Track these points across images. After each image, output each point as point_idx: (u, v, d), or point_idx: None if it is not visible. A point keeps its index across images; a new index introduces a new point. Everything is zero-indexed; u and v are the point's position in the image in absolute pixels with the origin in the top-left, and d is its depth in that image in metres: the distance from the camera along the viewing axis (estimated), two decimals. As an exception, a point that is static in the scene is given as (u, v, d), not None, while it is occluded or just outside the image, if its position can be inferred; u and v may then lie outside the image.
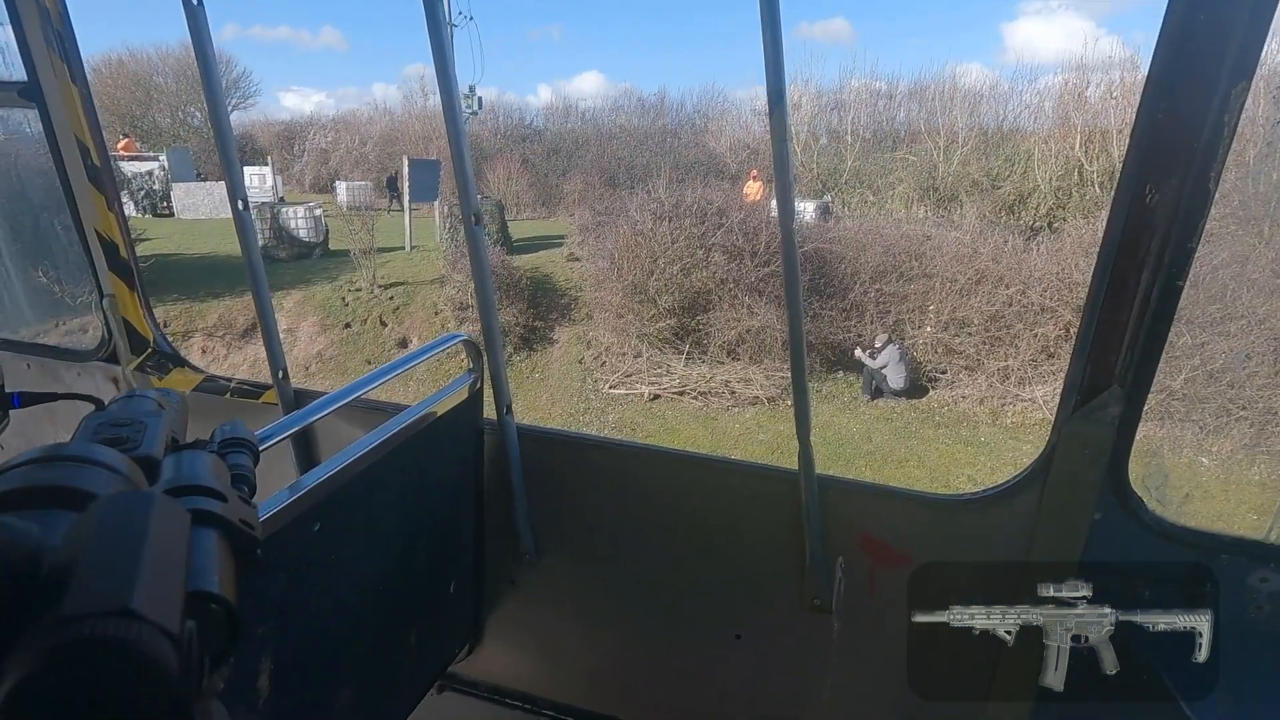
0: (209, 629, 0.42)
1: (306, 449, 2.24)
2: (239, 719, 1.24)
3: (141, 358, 2.45)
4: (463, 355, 2.03)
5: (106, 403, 0.70)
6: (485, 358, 1.98)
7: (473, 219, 1.77)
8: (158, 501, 0.43)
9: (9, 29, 2.17)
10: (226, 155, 1.78)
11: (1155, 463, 8.04)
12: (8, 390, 0.89)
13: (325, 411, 1.46)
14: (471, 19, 24.33)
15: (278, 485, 1.39)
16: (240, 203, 1.80)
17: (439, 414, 1.86)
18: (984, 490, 1.75)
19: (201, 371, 2.49)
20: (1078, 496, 1.58)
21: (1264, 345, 9.00)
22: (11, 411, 1.27)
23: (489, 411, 2.07)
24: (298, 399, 2.16)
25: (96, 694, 0.30)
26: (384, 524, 1.74)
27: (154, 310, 2.53)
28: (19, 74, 2.17)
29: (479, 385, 2.01)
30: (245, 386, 2.41)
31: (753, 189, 17.15)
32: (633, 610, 2.19)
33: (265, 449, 1.25)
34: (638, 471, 2.06)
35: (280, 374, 2.12)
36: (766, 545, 1.95)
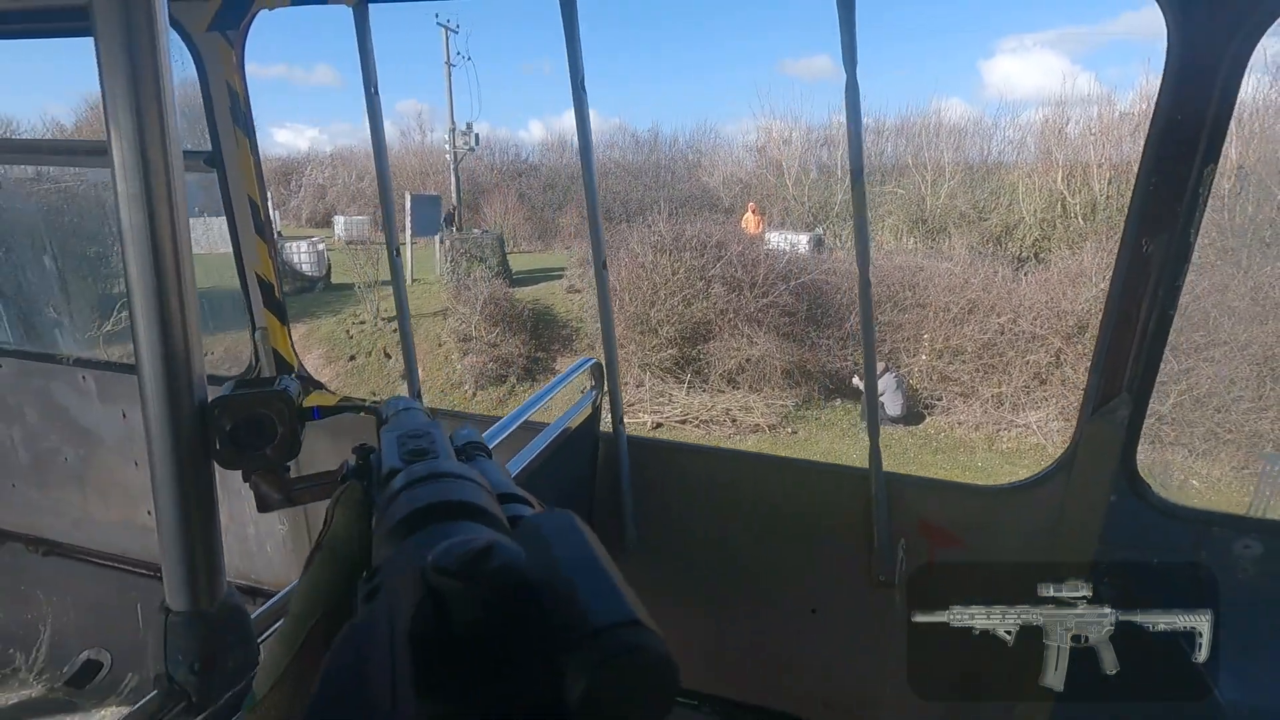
0: None
1: None
2: None
3: None
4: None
5: (384, 414, 0.80)
6: (606, 379, 2.30)
7: (601, 264, 2.09)
8: (575, 518, 0.45)
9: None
10: (388, 211, 2.10)
11: (1158, 455, 8.53)
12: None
13: (491, 444, 1.68)
14: (469, 59, 24.89)
15: None
16: (395, 250, 2.13)
17: (569, 429, 2.15)
18: (1021, 481, 2.08)
19: (335, 394, 2.75)
20: (1097, 482, 1.89)
21: (1247, 370, 9.33)
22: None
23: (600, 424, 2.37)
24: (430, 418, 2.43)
25: (638, 691, 0.35)
26: None
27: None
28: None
29: (599, 401, 2.33)
30: (378, 407, 2.65)
31: (750, 221, 17.55)
32: (722, 592, 2.47)
33: None
34: (727, 473, 2.38)
35: (414, 394, 2.45)
36: (838, 532, 2.26)
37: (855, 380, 11.82)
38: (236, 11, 2.23)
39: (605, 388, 2.31)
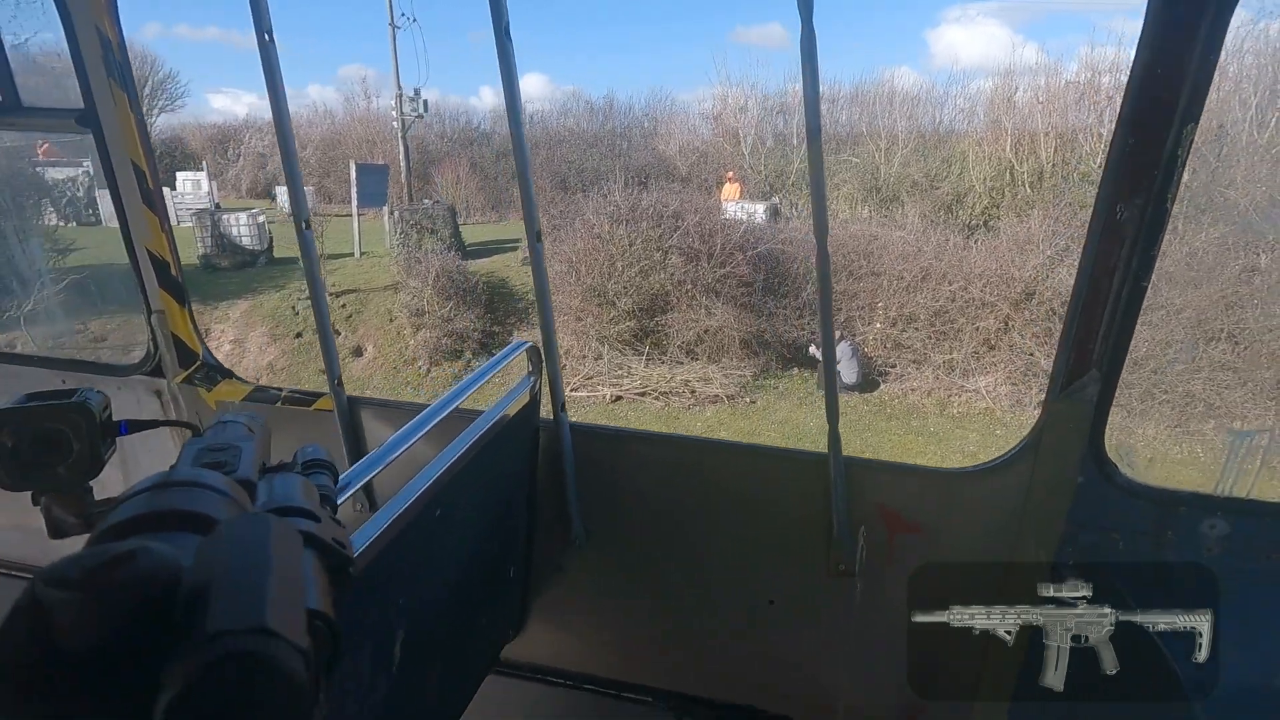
0: (318, 644, 0.44)
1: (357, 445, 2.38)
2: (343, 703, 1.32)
3: (189, 370, 2.51)
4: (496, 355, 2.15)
5: (202, 429, 0.74)
6: (544, 363, 2.15)
7: (536, 237, 1.92)
8: (274, 524, 0.45)
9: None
10: (294, 181, 1.89)
11: (1124, 436, 8.85)
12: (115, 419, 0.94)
13: (415, 438, 1.55)
14: (415, 20, 23.88)
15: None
16: (304, 223, 1.92)
17: (507, 416, 2.02)
18: (985, 463, 2.00)
19: (249, 383, 2.54)
20: (1064, 464, 1.83)
21: (1182, 334, 9.73)
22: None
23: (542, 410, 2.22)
24: (350, 406, 2.28)
25: (243, 704, 0.32)
26: (463, 520, 1.87)
27: (94, 325, 2.56)
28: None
29: (538, 388, 2.19)
30: (296, 395, 2.50)
31: (731, 191, 17.27)
32: (672, 586, 2.37)
33: (379, 472, 1.37)
34: (678, 460, 2.26)
35: (335, 381, 2.24)
36: (796, 520, 2.16)
37: (812, 349, 11.95)
38: None
39: (545, 372, 2.17)
